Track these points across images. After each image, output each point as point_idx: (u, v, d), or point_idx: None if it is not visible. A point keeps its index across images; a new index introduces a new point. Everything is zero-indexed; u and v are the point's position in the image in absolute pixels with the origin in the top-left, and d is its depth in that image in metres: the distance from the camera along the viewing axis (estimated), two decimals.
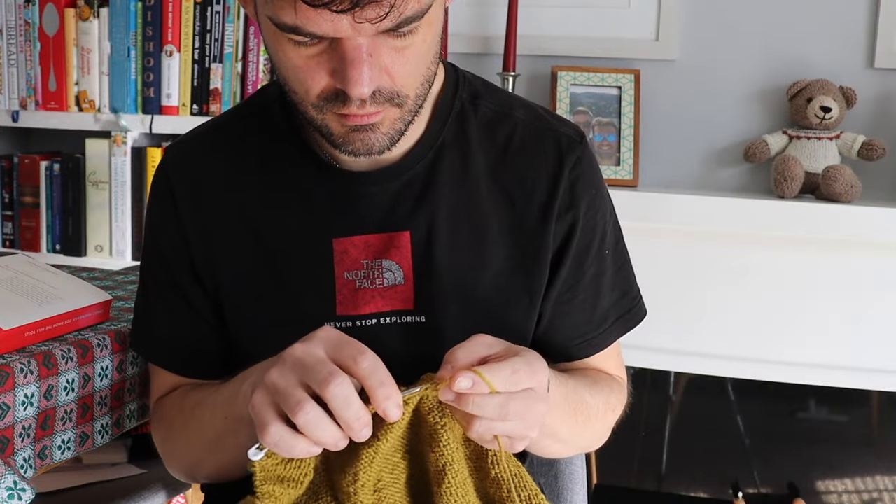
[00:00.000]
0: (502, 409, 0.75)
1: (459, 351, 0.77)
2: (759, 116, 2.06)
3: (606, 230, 1.01)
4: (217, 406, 0.92)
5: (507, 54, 2.05)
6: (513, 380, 0.75)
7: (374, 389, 0.73)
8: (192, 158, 1.01)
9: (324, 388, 0.72)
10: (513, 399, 0.75)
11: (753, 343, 1.98)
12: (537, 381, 0.77)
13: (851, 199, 1.87)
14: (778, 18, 2.03)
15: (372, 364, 0.74)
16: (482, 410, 0.75)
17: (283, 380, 0.74)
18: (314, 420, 0.72)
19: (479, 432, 0.77)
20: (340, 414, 0.72)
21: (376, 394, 0.73)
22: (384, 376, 0.74)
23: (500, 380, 0.75)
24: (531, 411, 0.77)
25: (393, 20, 0.76)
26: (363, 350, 0.75)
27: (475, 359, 0.77)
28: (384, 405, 0.73)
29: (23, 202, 2.42)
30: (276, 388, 0.74)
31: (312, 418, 0.72)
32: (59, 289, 1.08)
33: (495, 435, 0.77)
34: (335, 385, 0.72)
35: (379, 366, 0.74)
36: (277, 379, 0.74)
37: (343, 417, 0.72)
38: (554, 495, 1.15)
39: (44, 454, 0.97)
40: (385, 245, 0.94)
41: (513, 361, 0.76)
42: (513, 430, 0.77)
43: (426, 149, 0.96)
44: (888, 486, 2.17)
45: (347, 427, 0.72)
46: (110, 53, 2.29)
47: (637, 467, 2.30)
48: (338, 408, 0.72)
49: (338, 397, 0.72)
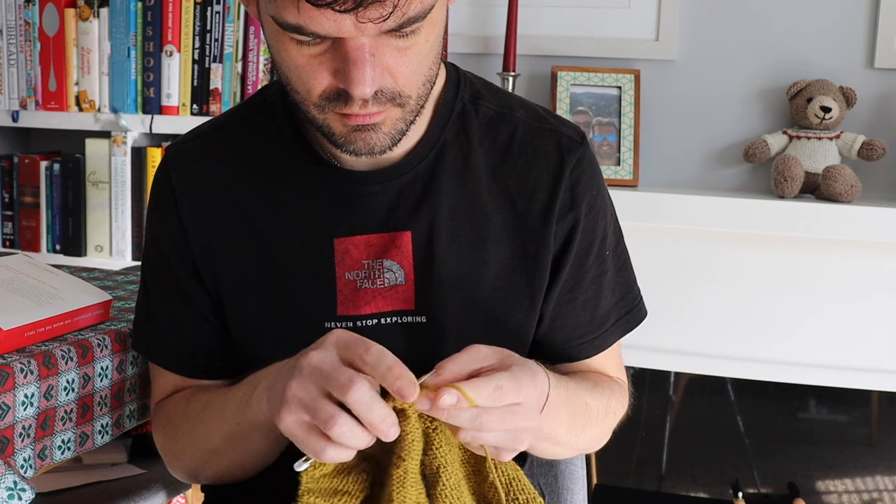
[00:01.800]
0: (475, 422, 0.75)
1: (450, 364, 0.78)
2: (759, 116, 2.07)
3: (607, 231, 1.01)
4: (226, 411, 0.92)
5: (507, 54, 2.05)
6: (495, 396, 0.76)
7: (384, 376, 0.74)
8: (193, 159, 1.00)
9: (345, 395, 0.73)
10: (486, 413, 0.76)
11: (753, 343, 1.98)
12: (524, 397, 0.78)
13: (851, 199, 1.87)
14: (778, 18, 2.03)
15: (376, 355, 0.75)
16: (455, 421, 0.76)
17: (305, 393, 0.75)
18: (348, 432, 0.73)
19: (465, 440, 0.78)
20: (365, 417, 0.73)
21: (387, 379, 0.74)
22: (391, 361, 0.75)
23: (483, 396, 0.75)
24: (510, 425, 0.77)
25: (396, 20, 0.76)
26: (368, 345, 0.76)
27: (465, 372, 0.77)
28: (397, 385, 0.74)
29: (23, 202, 2.42)
30: (303, 403, 0.75)
31: (346, 430, 0.73)
32: (59, 289, 1.08)
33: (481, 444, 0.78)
34: (356, 390, 0.73)
35: (384, 354, 0.75)
36: (300, 392, 0.76)
37: (368, 421, 0.73)
38: (554, 496, 1.15)
39: (44, 454, 0.97)
40: (386, 245, 0.94)
41: (497, 377, 0.77)
42: (496, 442, 0.78)
43: (427, 149, 0.96)
44: (888, 486, 2.17)
45: (374, 429, 0.74)
46: (110, 53, 2.29)
47: (637, 467, 2.30)
48: (362, 412, 0.73)
49: (359, 402, 0.73)
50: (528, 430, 0.79)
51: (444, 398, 0.74)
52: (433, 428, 0.78)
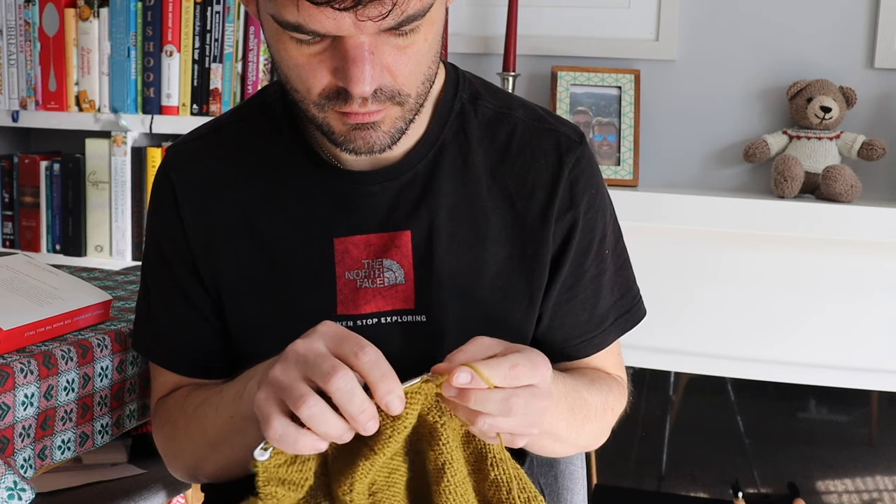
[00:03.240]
0: (505, 405, 0.75)
1: (459, 354, 0.77)
2: (759, 116, 2.07)
3: (606, 230, 1.01)
4: (221, 406, 0.92)
5: (507, 54, 2.05)
6: (512, 374, 0.75)
7: (377, 383, 0.73)
8: (194, 159, 1.01)
9: (327, 382, 0.71)
10: (515, 395, 0.75)
11: (753, 343, 1.98)
12: (539, 377, 0.77)
13: (851, 199, 1.87)
14: (778, 18, 2.03)
15: (373, 358, 0.74)
16: (484, 406, 0.75)
17: (285, 375, 0.74)
18: (318, 413, 0.72)
19: (483, 429, 0.77)
20: (345, 407, 0.72)
21: (378, 387, 0.73)
22: (386, 369, 0.74)
23: (499, 375, 0.75)
24: (533, 407, 0.77)
25: (395, 18, 0.76)
26: (364, 344, 0.75)
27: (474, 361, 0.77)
28: (386, 399, 0.73)
29: (23, 202, 2.42)
30: (280, 383, 0.74)
31: (317, 412, 0.71)
32: (59, 289, 1.08)
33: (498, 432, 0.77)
34: (338, 378, 0.71)
35: (380, 359, 0.74)
36: (280, 375, 0.74)
37: (347, 410, 0.72)
38: (554, 495, 1.15)
39: (44, 454, 0.97)
40: (386, 244, 0.94)
41: (512, 357, 0.76)
42: (515, 427, 0.77)
43: (427, 148, 0.96)
44: (888, 486, 2.17)
45: (352, 419, 0.72)
46: (110, 53, 2.29)
47: (637, 467, 2.30)
48: (342, 401, 0.72)
49: (341, 390, 0.71)
50: (544, 410, 0.78)
51: (458, 375, 0.73)
52: (441, 423, 0.77)
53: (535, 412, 0.77)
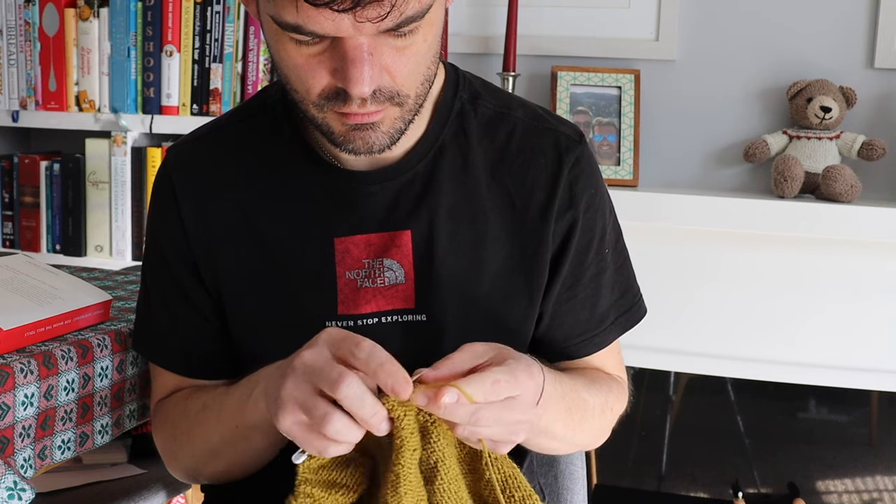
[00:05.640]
0: (472, 417, 0.76)
1: (447, 363, 0.78)
2: (759, 116, 2.07)
3: (606, 229, 1.01)
4: (224, 413, 0.92)
5: (507, 54, 2.05)
6: (493, 390, 0.76)
7: (376, 373, 0.75)
8: (194, 159, 1.01)
9: (336, 391, 0.73)
10: (484, 408, 0.76)
11: (753, 343, 1.98)
12: (521, 389, 0.78)
13: (851, 199, 1.87)
14: (778, 18, 2.03)
15: (368, 351, 0.75)
16: (453, 417, 0.76)
17: (299, 391, 0.76)
18: (343, 429, 0.74)
19: (462, 435, 0.78)
20: (356, 413, 0.74)
21: (379, 376, 0.74)
22: (383, 357, 0.75)
23: (481, 392, 0.76)
24: (506, 419, 0.78)
25: (394, 19, 0.76)
26: (359, 341, 0.76)
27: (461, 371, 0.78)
28: (390, 383, 0.74)
29: (23, 202, 2.42)
30: (298, 402, 0.76)
31: (341, 428, 0.74)
32: (59, 289, 1.08)
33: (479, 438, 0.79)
34: (346, 386, 0.73)
35: (375, 350, 0.76)
36: (295, 392, 0.76)
37: (360, 416, 0.74)
38: (554, 495, 1.15)
39: (44, 454, 0.97)
40: (386, 244, 0.94)
41: (494, 372, 0.77)
42: (493, 435, 0.79)
43: (426, 148, 0.96)
44: (888, 486, 2.17)
45: (365, 423, 0.75)
46: (110, 53, 2.29)
47: (637, 467, 2.30)
48: (353, 408, 0.74)
49: (349, 397, 0.73)
50: (523, 422, 0.80)
51: (444, 398, 0.75)
52: (431, 422, 0.79)
53: (510, 423, 0.79)
